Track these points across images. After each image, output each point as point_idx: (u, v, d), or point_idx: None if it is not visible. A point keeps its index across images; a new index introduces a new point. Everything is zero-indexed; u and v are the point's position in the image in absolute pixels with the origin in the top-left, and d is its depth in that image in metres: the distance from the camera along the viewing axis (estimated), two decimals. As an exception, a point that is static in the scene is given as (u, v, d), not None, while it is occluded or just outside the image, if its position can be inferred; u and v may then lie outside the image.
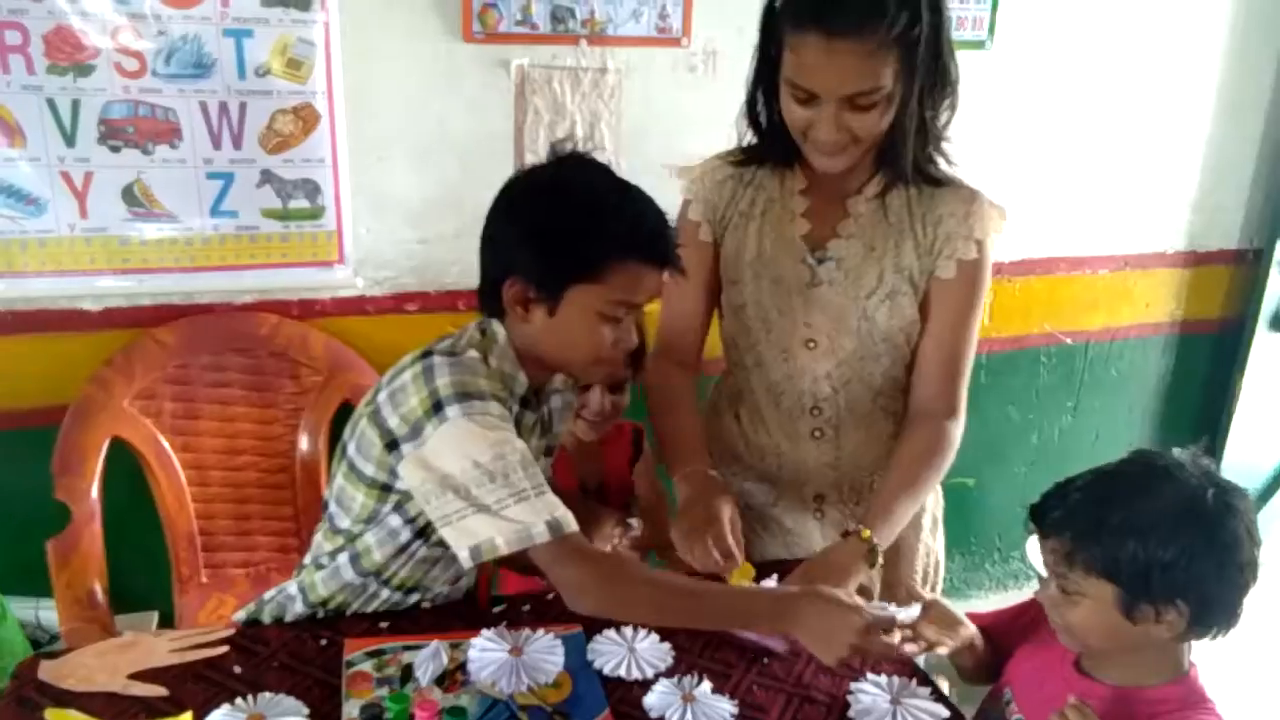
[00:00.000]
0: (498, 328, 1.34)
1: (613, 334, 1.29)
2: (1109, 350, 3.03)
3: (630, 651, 1.33)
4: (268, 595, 1.47)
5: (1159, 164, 2.84)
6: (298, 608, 1.43)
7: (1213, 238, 3.00)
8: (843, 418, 1.54)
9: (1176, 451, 1.18)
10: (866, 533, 1.37)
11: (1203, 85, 2.80)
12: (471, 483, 1.21)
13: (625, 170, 2.25)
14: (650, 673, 1.31)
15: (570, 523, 1.22)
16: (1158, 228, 2.94)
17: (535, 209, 1.29)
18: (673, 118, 2.33)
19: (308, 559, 1.46)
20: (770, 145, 1.48)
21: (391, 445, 1.27)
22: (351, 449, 1.34)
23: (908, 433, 1.51)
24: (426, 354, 1.31)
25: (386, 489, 1.32)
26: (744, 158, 1.53)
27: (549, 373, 1.41)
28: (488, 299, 1.34)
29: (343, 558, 1.40)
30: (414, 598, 1.44)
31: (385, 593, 1.42)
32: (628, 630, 1.37)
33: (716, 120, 2.33)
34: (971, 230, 1.45)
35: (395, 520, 1.35)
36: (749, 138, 1.51)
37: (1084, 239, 2.85)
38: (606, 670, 1.30)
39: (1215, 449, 3.13)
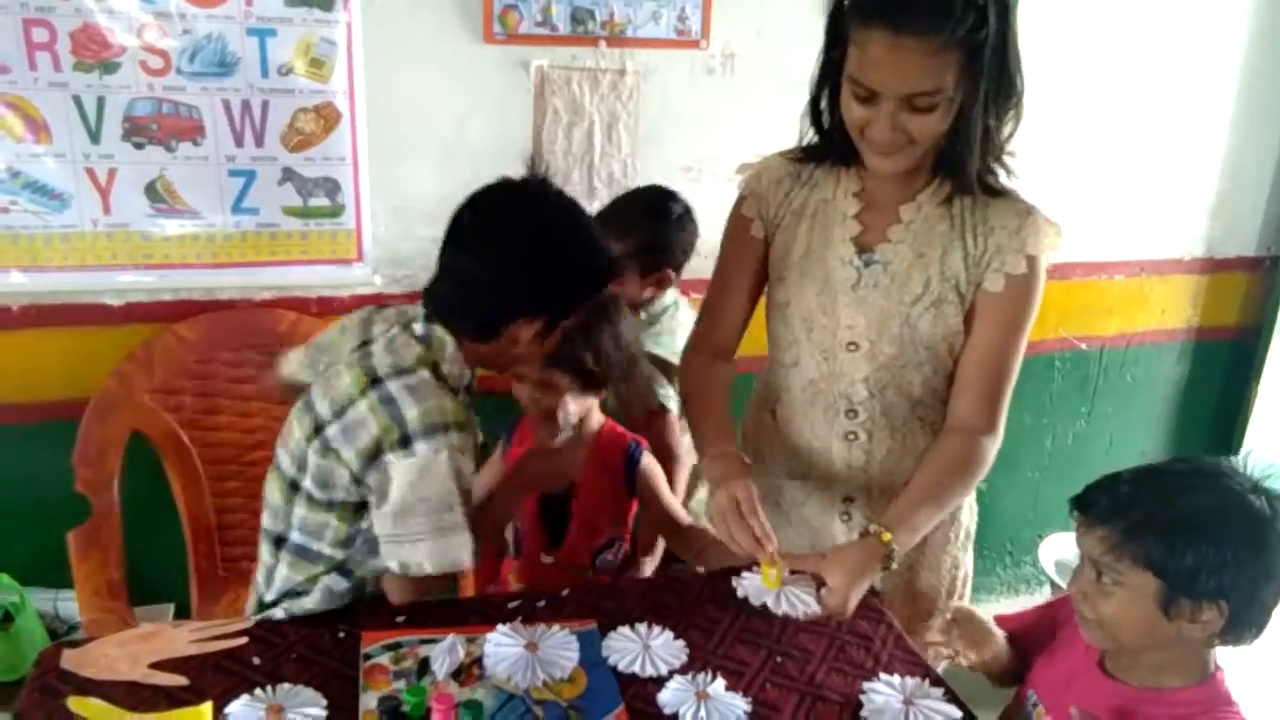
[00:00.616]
0: (442, 334, 1.41)
1: None
2: (1124, 356, 3.02)
3: (645, 648, 1.34)
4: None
5: (1177, 170, 2.84)
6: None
7: (1230, 244, 2.99)
8: (877, 423, 1.53)
9: (1224, 459, 1.19)
10: (886, 536, 1.35)
11: (1221, 91, 2.80)
12: (418, 513, 1.34)
13: (642, 171, 2.32)
14: (664, 669, 1.32)
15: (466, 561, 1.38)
16: (1175, 234, 2.93)
17: (546, 252, 1.37)
18: (690, 119, 2.34)
19: (274, 593, 1.47)
20: (830, 145, 1.48)
21: (358, 477, 1.36)
22: (307, 483, 1.40)
23: (941, 443, 1.49)
24: (375, 380, 1.35)
25: (361, 507, 1.40)
26: (803, 156, 1.53)
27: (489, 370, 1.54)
28: (478, 330, 1.42)
29: (329, 579, 1.44)
30: None
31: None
32: (642, 627, 1.39)
33: (734, 122, 2.37)
34: (1024, 244, 1.42)
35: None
36: (810, 136, 1.51)
37: (1101, 244, 2.84)
38: (621, 666, 1.31)
39: (1230, 456, 3.12)
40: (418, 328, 1.41)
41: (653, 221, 1.96)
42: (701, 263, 2.38)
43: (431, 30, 2.12)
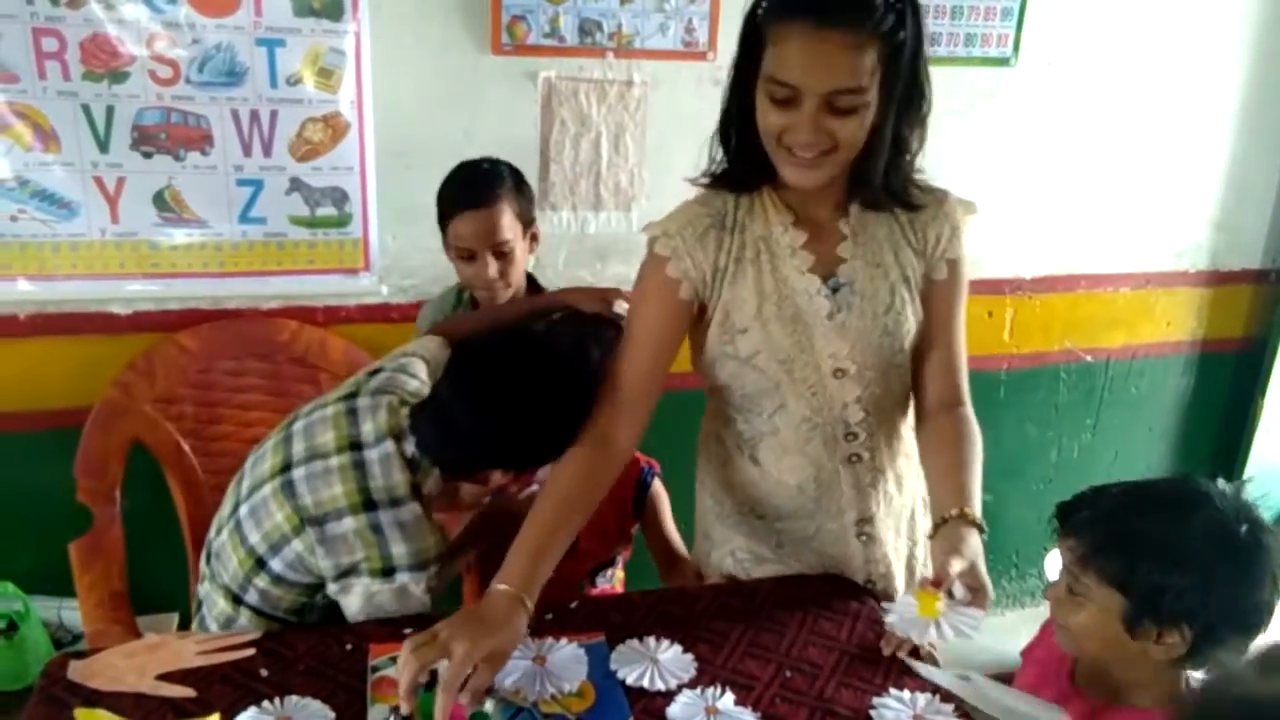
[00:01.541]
0: (429, 467, 1.45)
1: None
2: (1129, 368, 3.02)
3: (653, 662, 1.33)
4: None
5: (1181, 182, 2.84)
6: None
7: (1235, 257, 2.99)
8: (876, 436, 1.51)
9: (1220, 482, 1.17)
10: (969, 511, 1.34)
11: (1225, 104, 2.80)
12: (383, 609, 1.41)
13: (649, 182, 2.32)
14: (673, 684, 1.31)
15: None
16: (1180, 246, 2.93)
17: (524, 416, 1.40)
18: (697, 131, 2.31)
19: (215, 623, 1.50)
20: (741, 169, 1.41)
21: (305, 522, 1.40)
22: (276, 565, 1.43)
23: (931, 426, 1.50)
24: (369, 504, 1.39)
25: (320, 586, 1.44)
26: (711, 185, 1.45)
27: None
28: (445, 466, 1.46)
29: (242, 618, 1.48)
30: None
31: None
32: (650, 640, 1.38)
33: (741, 133, 2.37)
34: (955, 228, 1.46)
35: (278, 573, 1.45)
36: (718, 161, 1.44)
37: (1105, 256, 2.84)
38: (629, 681, 1.31)
39: (1235, 470, 3.12)
40: (408, 448, 1.44)
41: None
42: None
43: (439, 41, 2.13)
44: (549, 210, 2.31)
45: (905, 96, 1.32)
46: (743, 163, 1.42)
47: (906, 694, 1.31)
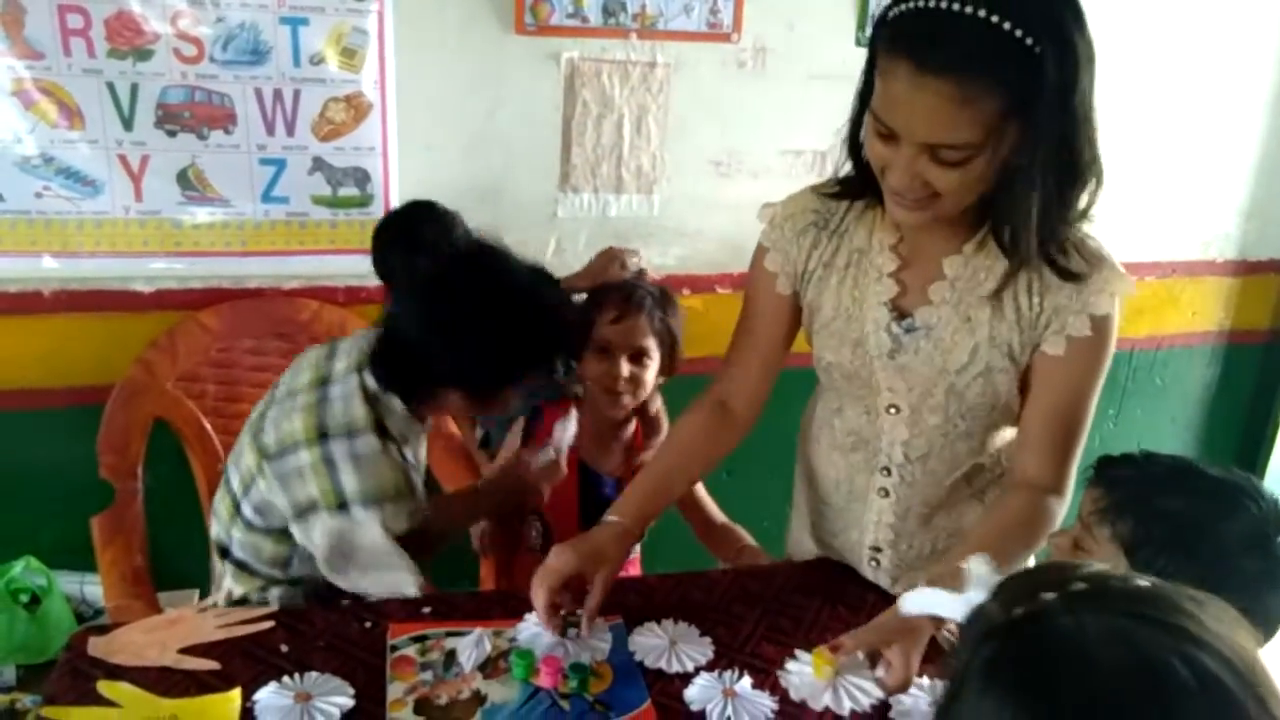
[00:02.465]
0: (389, 400, 1.45)
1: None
2: (1154, 359, 2.99)
3: (671, 644, 1.33)
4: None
5: (1210, 170, 2.80)
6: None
7: (1264, 246, 2.96)
8: (914, 487, 1.42)
9: (1270, 490, 1.14)
10: None
11: (1256, 91, 2.76)
12: (352, 564, 1.43)
13: (670, 165, 2.31)
14: (690, 666, 1.31)
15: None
16: (1208, 235, 2.90)
17: (480, 330, 1.39)
18: (721, 113, 2.33)
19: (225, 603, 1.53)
20: (867, 180, 1.27)
21: (266, 460, 1.44)
22: (246, 509, 1.47)
23: (1004, 500, 1.35)
24: (324, 435, 1.41)
25: (237, 507, 1.49)
26: (838, 190, 1.35)
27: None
28: (401, 391, 1.45)
29: (276, 591, 1.51)
30: None
31: None
32: (668, 623, 1.38)
33: (764, 116, 2.36)
34: (1086, 304, 1.24)
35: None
36: (846, 167, 1.32)
37: (1132, 244, 2.80)
38: (647, 663, 1.31)
39: (1259, 464, 3.08)
40: (370, 381, 1.44)
41: None
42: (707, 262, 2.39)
43: (462, 21, 2.12)
44: (570, 193, 2.30)
45: (1052, 153, 1.13)
46: (866, 174, 1.27)
47: (925, 681, 1.30)
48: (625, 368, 1.74)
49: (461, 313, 1.39)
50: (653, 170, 2.34)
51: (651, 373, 1.77)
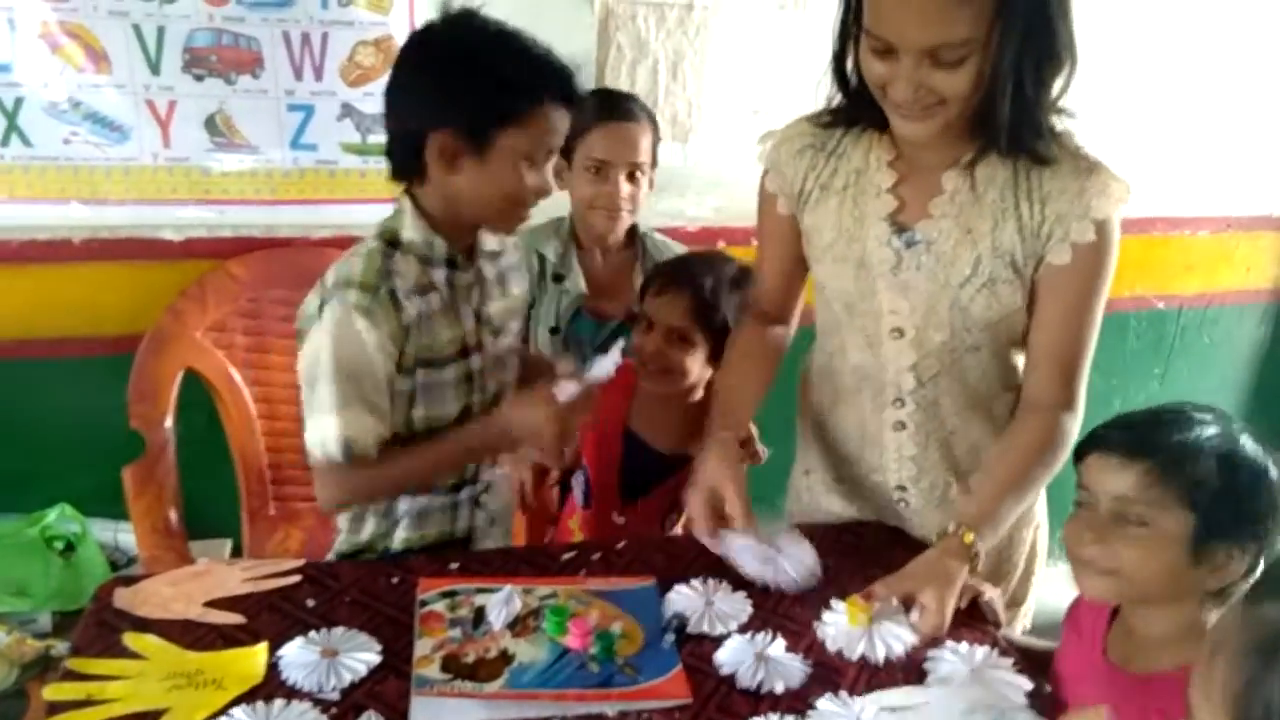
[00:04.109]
0: (402, 201, 1.38)
1: (534, 179, 1.35)
2: (1203, 317, 2.90)
3: (708, 604, 1.30)
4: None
5: (1269, 120, 2.69)
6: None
7: (1325, 201, 2.85)
8: (927, 412, 1.41)
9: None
10: (969, 536, 1.25)
11: (1322, 39, 2.64)
12: (321, 380, 1.33)
13: (707, 113, 2.24)
14: (731, 626, 1.28)
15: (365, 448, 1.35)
16: (1265, 189, 2.79)
17: (456, 60, 1.30)
18: (759, 58, 2.26)
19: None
20: (859, 107, 1.31)
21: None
22: None
23: (1018, 425, 1.36)
24: (323, 303, 1.35)
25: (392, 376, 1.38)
26: (831, 120, 1.36)
27: (469, 230, 1.42)
28: (403, 159, 1.36)
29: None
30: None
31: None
32: (703, 582, 1.34)
33: (803, 62, 2.27)
34: (1088, 208, 1.26)
35: (426, 375, 1.40)
36: (837, 98, 1.34)
37: (1185, 198, 2.71)
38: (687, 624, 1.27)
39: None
40: (385, 217, 1.40)
41: None
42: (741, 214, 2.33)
43: (495, -39, 2.05)
44: (604, 141, 2.24)
45: (1029, 38, 1.15)
46: (861, 103, 1.30)
47: (964, 646, 1.27)
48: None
49: (438, 46, 1.34)
50: (689, 118, 2.27)
51: (693, 359, 1.67)
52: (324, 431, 1.34)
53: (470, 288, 1.43)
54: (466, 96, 1.29)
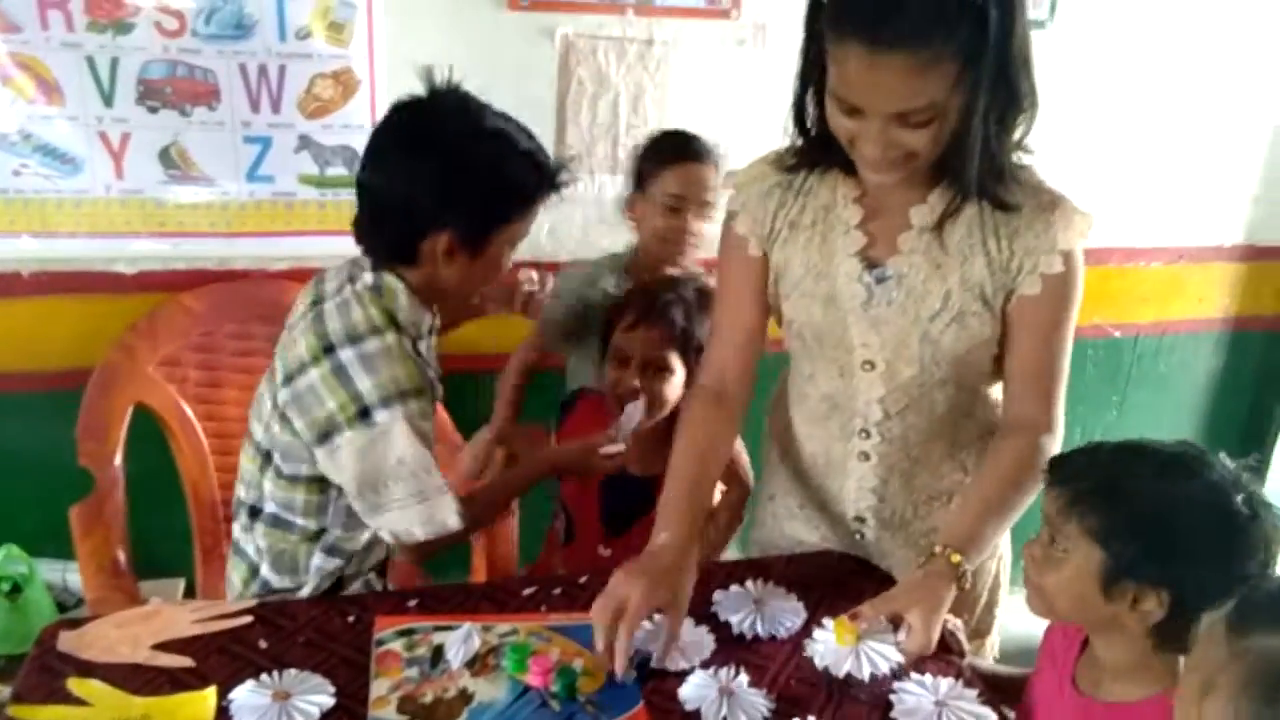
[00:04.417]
0: (392, 281, 1.40)
1: (509, 261, 1.47)
2: (1159, 345, 2.94)
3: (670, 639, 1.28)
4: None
5: (1219, 153, 2.74)
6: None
7: (1272, 231, 2.89)
8: (893, 444, 1.43)
9: (1222, 456, 1.12)
10: (956, 557, 1.26)
11: (1265, 74, 2.69)
12: (391, 480, 1.36)
13: (670, 146, 2.24)
14: (695, 661, 1.26)
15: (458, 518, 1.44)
16: (1215, 220, 2.83)
17: (461, 167, 1.35)
18: (719, 92, 2.27)
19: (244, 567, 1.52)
20: (820, 151, 1.33)
21: (309, 448, 1.38)
22: (276, 456, 1.41)
23: (998, 446, 1.38)
24: (329, 348, 1.35)
25: (325, 481, 1.42)
26: (794, 163, 1.37)
27: (441, 304, 1.50)
28: (396, 247, 1.40)
29: (317, 559, 1.47)
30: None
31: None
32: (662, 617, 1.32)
33: (763, 96, 2.29)
34: (1055, 241, 1.29)
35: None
36: (794, 142, 1.36)
37: (1138, 230, 2.75)
38: (653, 662, 1.25)
39: (1265, 452, 3.04)
40: (368, 277, 1.41)
41: None
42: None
43: (454, -6, 2.06)
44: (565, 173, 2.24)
45: (994, 92, 1.17)
46: (822, 147, 1.31)
47: (928, 678, 1.26)
48: (635, 379, 1.66)
49: (444, 144, 1.36)
50: (649, 151, 2.28)
51: (673, 386, 1.68)
52: (407, 524, 1.41)
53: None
54: (472, 205, 1.37)
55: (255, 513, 1.48)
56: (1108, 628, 1.14)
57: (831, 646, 1.27)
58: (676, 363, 1.68)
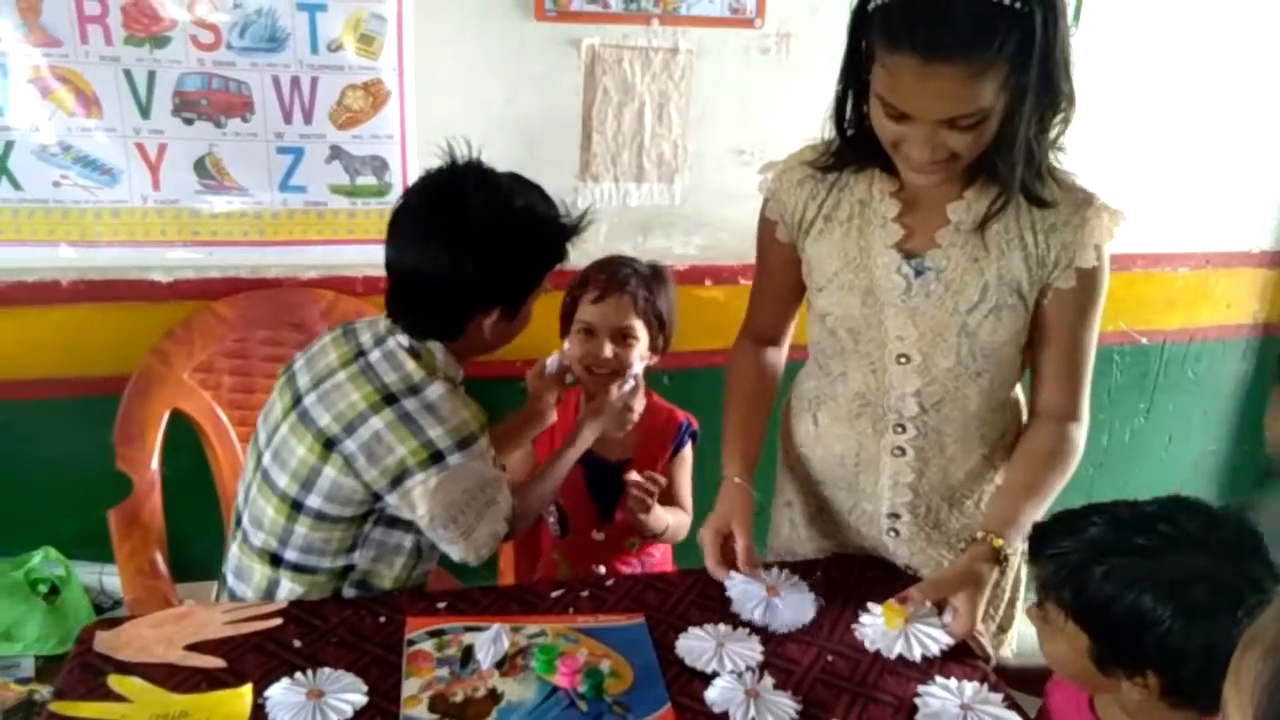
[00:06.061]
0: (433, 347, 1.44)
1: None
2: (1186, 351, 2.93)
3: (719, 646, 1.30)
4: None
5: (1248, 157, 2.73)
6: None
7: (1302, 237, 2.88)
8: (928, 438, 1.45)
9: (1220, 508, 1.10)
10: (998, 541, 1.32)
11: (1295, 78, 2.68)
12: (462, 507, 1.41)
13: (692, 154, 2.27)
14: (741, 665, 1.28)
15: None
16: (1244, 225, 2.82)
17: (503, 254, 1.40)
18: (743, 101, 2.29)
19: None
20: (858, 152, 1.36)
21: (330, 443, 1.38)
22: (316, 501, 1.39)
23: (1028, 434, 1.45)
24: (390, 398, 1.37)
25: (366, 516, 1.43)
26: (831, 164, 1.40)
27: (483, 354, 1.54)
28: (444, 328, 1.44)
29: (348, 593, 1.46)
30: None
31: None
32: (710, 626, 1.34)
33: (788, 104, 2.31)
34: (1089, 236, 1.33)
35: (386, 534, 1.46)
36: (836, 143, 1.39)
37: (1165, 235, 2.74)
38: (700, 665, 1.27)
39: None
40: (403, 340, 1.43)
41: None
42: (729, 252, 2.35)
43: (482, 7, 2.09)
44: (590, 182, 2.27)
45: (1038, 94, 1.20)
46: (861, 147, 1.34)
47: (953, 682, 1.27)
48: (608, 349, 1.73)
49: (480, 232, 1.39)
50: (674, 159, 2.30)
51: (636, 352, 1.75)
52: (476, 545, 1.45)
53: None
54: (515, 282, 1.45)
55: (276, 560, 1.44)
56: (1115, 690, 1.13)
57: (880, 629, 1.33)
58: (641, 330, 1.76)
